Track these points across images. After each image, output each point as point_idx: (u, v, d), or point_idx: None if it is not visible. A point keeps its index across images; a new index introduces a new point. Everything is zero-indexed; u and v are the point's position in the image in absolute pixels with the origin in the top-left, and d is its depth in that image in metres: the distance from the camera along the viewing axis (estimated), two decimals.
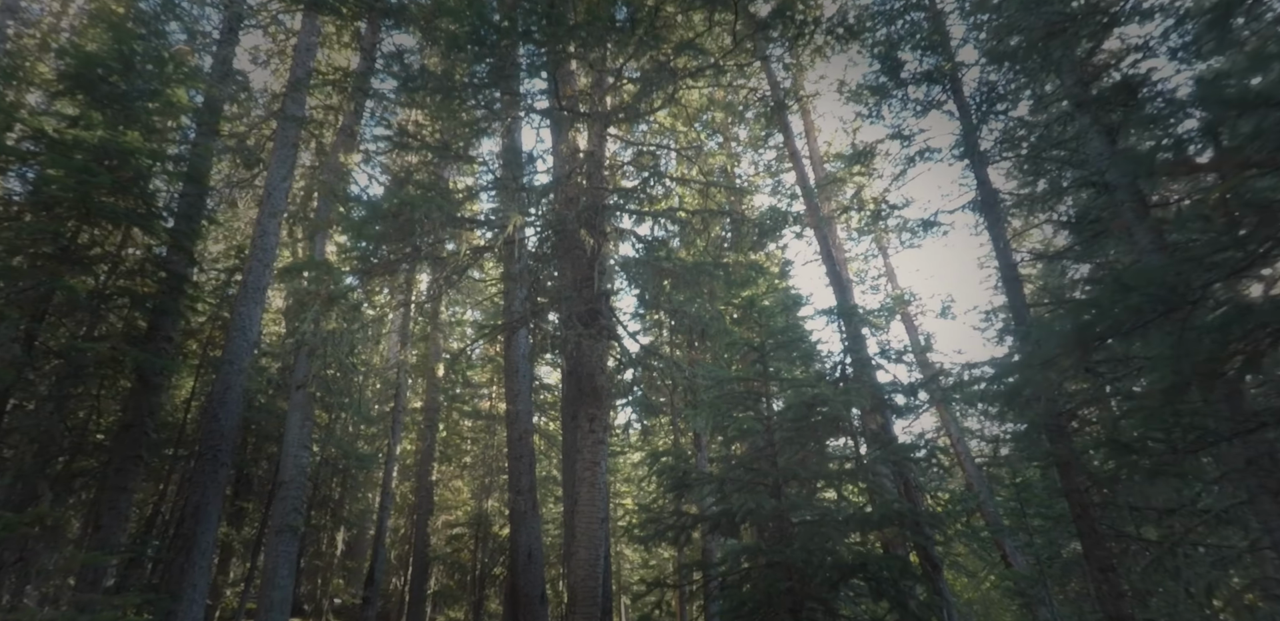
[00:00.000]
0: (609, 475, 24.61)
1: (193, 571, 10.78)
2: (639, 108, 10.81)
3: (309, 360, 10.76)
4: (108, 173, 9.13)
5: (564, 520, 10.12)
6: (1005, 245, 9.39)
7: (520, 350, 17.05)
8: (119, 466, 10.13)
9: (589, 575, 9.00)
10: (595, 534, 9.26)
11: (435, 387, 18.11)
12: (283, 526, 10.34)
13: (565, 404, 10.56)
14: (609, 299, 10.85)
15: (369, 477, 19.81)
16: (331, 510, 15.19)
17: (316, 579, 19.44)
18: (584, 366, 10.17)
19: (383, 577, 15.66)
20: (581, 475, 9.59)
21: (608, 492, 9.81)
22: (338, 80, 12.33)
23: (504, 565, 18.36)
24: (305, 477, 10.72)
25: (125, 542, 9.88)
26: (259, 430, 13.48)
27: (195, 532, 11.07)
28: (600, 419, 9.93)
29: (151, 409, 10.58)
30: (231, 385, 12.18)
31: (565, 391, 10.61)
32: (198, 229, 11.43)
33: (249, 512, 15.03)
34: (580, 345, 9.91)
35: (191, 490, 11.35)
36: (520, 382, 16.58)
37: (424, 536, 16.50)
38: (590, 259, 9.79)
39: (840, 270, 12.50)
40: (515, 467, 15.92)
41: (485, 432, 19.29)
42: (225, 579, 14.23)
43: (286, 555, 10.36)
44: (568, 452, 10.16)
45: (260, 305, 13.09)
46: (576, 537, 9.26)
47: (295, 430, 10.87)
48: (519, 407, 16.50)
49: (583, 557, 9.11)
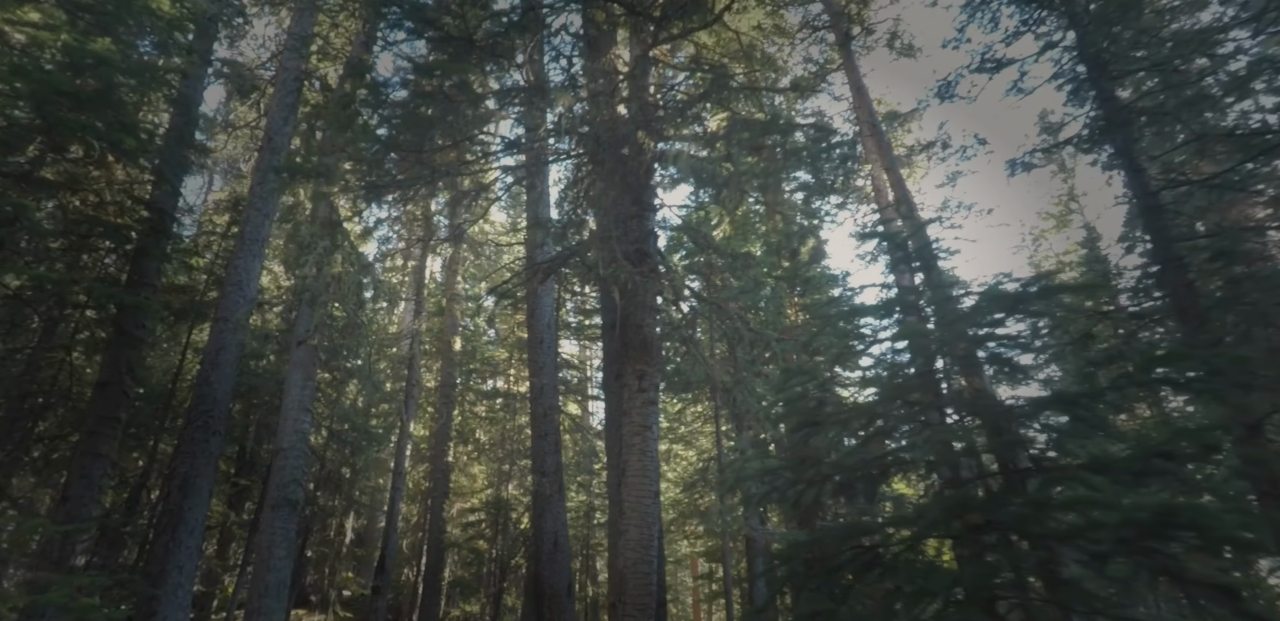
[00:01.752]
0: None
1: (178, 551, 9.41)
2: (687, 22, 9.23)
3: (311, 311, 9.33)
4: (69, 80, 7.73)
5: (609, 495, 8.59)
6: (1140, 171, 7.75)
7: (544, 319, 15.61)
8: (92, 429, 8.76)
9: (641, 558, 7.50)
10: (647, 510, 7.77)
11: (451, 363, 16.68)
12: (280, 500, 8.93)
13: (608, 362, 9.08)
14: (657, 240, 9.34)
15: (379, 461, 18.44)
16: (340, 489, 13.77)
17: (324, 568, 18.09)
18: (632, 315, 8.68)
19: (394, 566, 14.28)
20: (630, 441, 8.10)
21: (659, 462, 8.29)
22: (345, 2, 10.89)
23: (524, 555, 16.91)
24: (307, 444, 9.30)
25: (99, 516, 8.51)
26: (260, 401, 12.09)
27: (182, 508, 9.70)
28: (650, 376, 8.45)
29: (130, 365, 9.20)
30: (226, 345, 10.82)
31: (608, 347, 9.12)
32: (184, 161, 10.04)
33: (250, 492, 13.66)
34: (629, 288, 8.41)
35: (179, 461, 9.98)
36: (544, 354, 15.13)
37: (439, 523, 15.07)
38: (641, 181, 8.28)
39: (915, 215, 10.89)
40: (539, 447, 14.47)
41: (505, 412, 17.83)
42: (224, 564, 12.88)
43: (284, 532, 8.94)
44: (611, 417, 8.68)
45: (259, 258, 11.71)
46: (625, 514, 7.76)
47: (296, 391, 9.45)
48: (544, 381, 15.04)
49: (633, 538, 7.62)
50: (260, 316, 11.35)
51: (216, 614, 12.49)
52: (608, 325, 9.20)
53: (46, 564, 8.02)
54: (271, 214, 12.18)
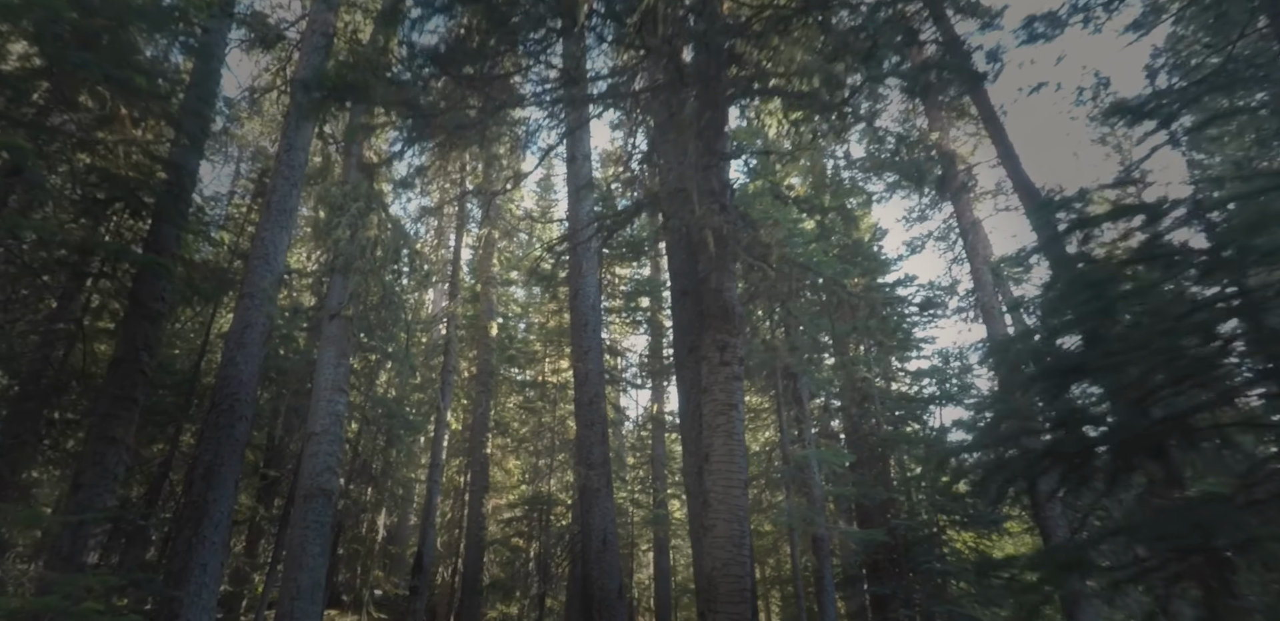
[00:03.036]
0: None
1: (202, 548, 8.47)
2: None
3: (345, 280, 8.33)
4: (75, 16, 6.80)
5: (687, 486, 7.44)
6: None
7: (588, 300, 14.55)
8: (106, 412, 7.87)
9: (732, 558, 6.36)
10: (735, 501, 6.62)
11: (488, 349, 15.67)
12: (313, 489, 7.95)
13: (680, 334, 7.94)
14: (733, 194, 8.17)
15: (409, 454, 17.53)
16: (374, 482, 12.82)
17: (356, 566, 17.23)
18: (710, 278, 7.54)
19: (433, 564, 13.33)
20: (712, 422, 6.96)
21: (746, 446, 7.14)
22: None
23: (564, 553, 15.87)
24: (341, 428, 8.31)
25: (113, 507, 7.60)
26: (289, 385, 11.16)
27: (206, 500, 8.78)
28: (733, 347, 7.31)
29: (148, 341, 8.30)
30: (252, 323, 9.88)
31: (679, 317, 7.99)
32: (205, 118, 9.11)
33: (279, 484, 12.78)
34: (714, 244, 7.27)
35: (202, 448, 9.07)
36: (589, 337, 14.07)
37: (478, 519, 14.07)
38: (718, 120, 7.13)
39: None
40: (585, 437, 13.43)
41: (544, 402, 16.78)
42: (252, 562, 12.01)
43: (317, 526, 7.96)
44: (687, 397, 7.55)
45: (287, 230, 10.76)
46: (711, 506, 6.62)
47: (329, 369, 8.47)
48: (589, 366, 13.99)
49: (722, 534, 6.48)
50: (288, 293, 10.41)
51: (245, 615, 11.62)
52: (678, 292, 8.07)
53: (56, 560, 7.14)
54: (300, 182, 11.23)
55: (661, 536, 17.05)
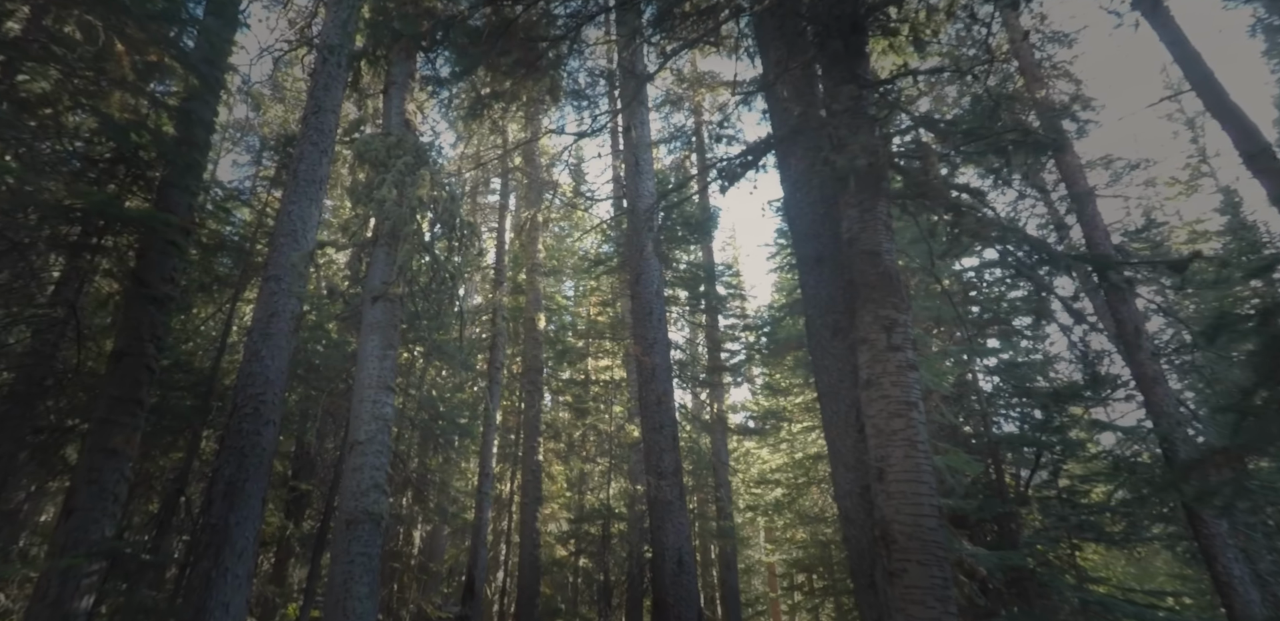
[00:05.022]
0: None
1: (223, 583, 6.92)
2: None
3: (391, 251, 6.71)
4: None
5: (844, 511, 5.68)
6: None
7: (652, 285, 12.89)
8: (104, 417, 6.36)
9: (936, 617, 4.62)
10: (929, 537, 4.87)
11: (537, 344, 14.05)
12: (357, 513, 6.34)
13: (817, 312, 6.20)
14: (884, 132, 6.42)
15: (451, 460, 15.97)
16: (422, 496, 11.21)
17: (392, 583, 15.72)
18: (860, 237, 5.84)
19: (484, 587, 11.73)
20: (886, 427, 5.24)
21: (933, 457, 5.39)
22: None
23: (626, 573, 14.17)
24: (388, 437, 6.69)
25: (110, 538, 6.06)
26: (322, 384, 9.60)
27: (227, 523, 7.23)
28: (904, 326, 5.59)
29: (155, 330, 6.77)
30: (278, 310, 8.35)
31: (813, 292, 6.25)
32: (222, 62, 7.57)
33: (310, 498, 11.25)
34: (855, 187, 5.56)
35: (223, 460, 7.53)
36: (654, 327, 12.41)
37: (531, 535, 12.44)
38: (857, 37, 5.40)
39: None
40: (653, 442, 11.74)
41: (599, 402, 15.12)
42: (282, 590, 10.48)
43: (364, 560, 6.35)
44: (830, 392, 5.82)
45: (317, 203, 9.23)
46: (896, 543, 4.87)
47: (373, 362, 6.87)
48: (655, 361, 12.29)
49: (917, 581, 4.75)
50: (318, 277, 8.85)
51: None
52: (810, 260, 6.33)
53: (41, 607, 5.63)
54: (330, 149, 9.70)
55: (728, 551, 15.30)
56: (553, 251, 18.90)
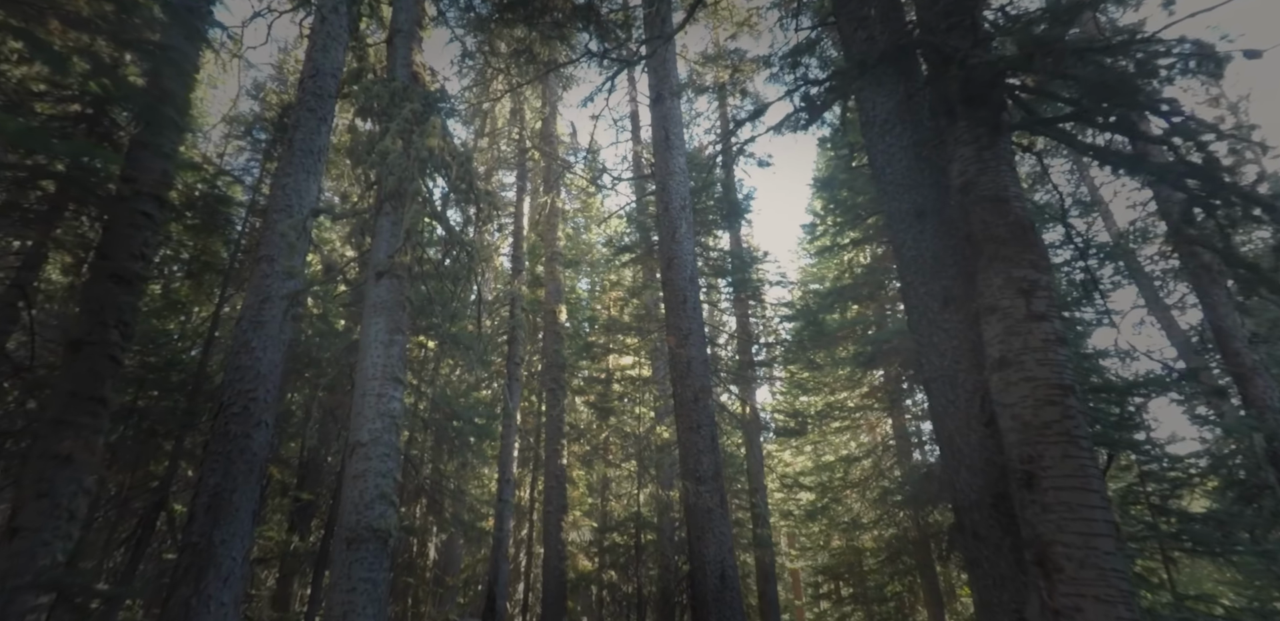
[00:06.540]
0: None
1: (204, 613, 5.86)
2: None
3: (397, 215, 5.63)
4: None
5: (963, 525, 4.43)
6: None
7: (685, 271, 11.77)
8: (59, 418, 5.33)
9: None
10: (1104, 562, 3.69)
11: (557, 338, 12.95)
12: (360, 529, 5.24)
13: (918, 279, 5.04)
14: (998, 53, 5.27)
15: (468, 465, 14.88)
16: (436, 504, 10.09)
17: (406, 599, 14.64)
18: (978, 182, 4.73)
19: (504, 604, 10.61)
20: (1033, 419, 4.11)
21: (1097, 457, 4.20)
22: None
23: (659, 587, 13.00)
24: (396, 437, 5.60)
25: (65, 558, 5.01)
26: (323, 379, 8.52)
27: (211, 541, 6.19)
28: (1044, 287, 4.46)
29: (121, 314, 5.74)
30: (271, 294, 7.32)
31: (914, 253, 5.09)
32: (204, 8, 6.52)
33: (316, 507, 10.18)
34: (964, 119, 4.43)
35: (207, 468, 6.49)
36: (689, 317, 11.29)
37: (556, 545, 11.31)
38: None
39: None
40: (690, 443, 10.62)
41: (628, 401, 13.98)
42: (285, 616, 9.39)
43: (367, 586, 5.25)
44: (948, 376, 4.64)
45: (315, 176, 8.22)
46: (1063, 571, 3.71)
47: (377, 350, 5.78)
48: (691, 353, 11.18)
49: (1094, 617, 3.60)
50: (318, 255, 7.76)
51: None
52: (908, 214, 5.17)
53: None
54: (330, 116, 8.67)
55: (767, 561, 14.10)
56: (570, 245, 17.83)
